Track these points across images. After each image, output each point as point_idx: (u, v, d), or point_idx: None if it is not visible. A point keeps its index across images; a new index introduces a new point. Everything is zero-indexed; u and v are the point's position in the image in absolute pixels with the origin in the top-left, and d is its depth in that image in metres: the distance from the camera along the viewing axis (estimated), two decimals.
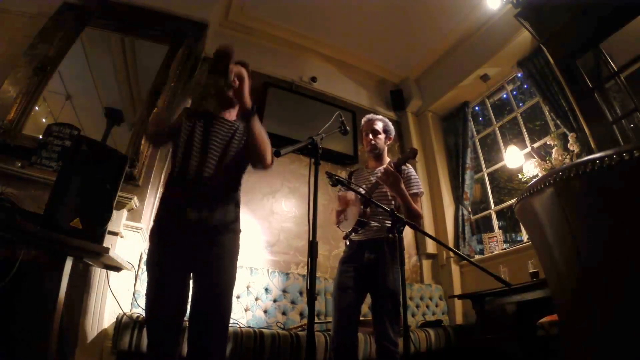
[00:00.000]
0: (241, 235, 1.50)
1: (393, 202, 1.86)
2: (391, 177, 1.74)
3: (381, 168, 1.94)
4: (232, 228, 1.45)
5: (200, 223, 1.36)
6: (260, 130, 1.43)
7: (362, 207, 1.79)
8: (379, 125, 2.01)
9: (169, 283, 1.33)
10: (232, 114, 1.63)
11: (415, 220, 1.74)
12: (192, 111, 1.57)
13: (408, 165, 1.92)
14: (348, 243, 1.93)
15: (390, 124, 2.08)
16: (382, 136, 2.00)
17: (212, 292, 1.34)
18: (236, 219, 1.49)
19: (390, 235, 1.78)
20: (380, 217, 1.83)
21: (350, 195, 1.87)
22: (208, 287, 1.34)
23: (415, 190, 1.86)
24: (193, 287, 1.37)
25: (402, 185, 1.77)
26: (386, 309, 1.68)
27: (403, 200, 1.76)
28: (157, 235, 1.39)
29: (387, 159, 2.03)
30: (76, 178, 1.37)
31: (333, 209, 2.00)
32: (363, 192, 1.79)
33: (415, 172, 1.96)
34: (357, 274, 1.79)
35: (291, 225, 3.25)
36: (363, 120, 2.09)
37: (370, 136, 1.99)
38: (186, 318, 1.34)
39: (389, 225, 1.77)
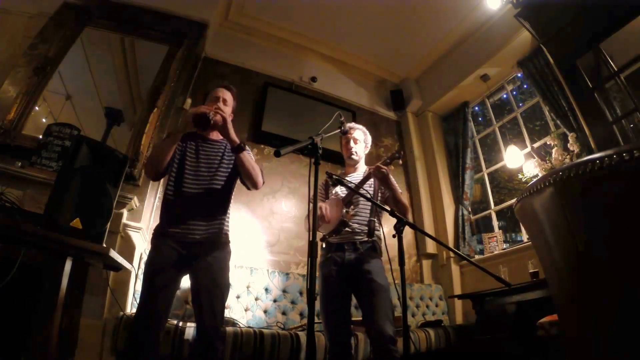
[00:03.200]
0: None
1: (369, 209, 1.92)
2: (381, 172, 1.84)
3: (356, 173, 2.06)
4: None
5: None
6: (249, 162, 1.60)
7: (344, 208, 1.83)
8: (358, 135, 2.10)
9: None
10: (218, 135, 1.73)
11: (405, 212, 1.87)
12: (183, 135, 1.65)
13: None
14: (324, 245, 1.92)
15: (368, 134, 2.17)
16: (361, 145, 2.11)
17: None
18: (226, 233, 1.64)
19: (368, 238, 1.84)
20: (360, 219, 1.87)
21: (331, 208, 1.90)
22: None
23: None
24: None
25: (392, 179, 1.88)
26: (380, 304, 1.65)
27: (393, 192, 1.89)
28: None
29: (364, 166, 2.11)
30: (76, 178, 1.37)
31: (305, 217, 2.01)
32: (364, 193, 1.78)
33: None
34: (340, 276, 1.78)
35: (291, 225, 3.25)
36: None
37: (351, 144, 2.08)
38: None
39: (367, 229, 1.85)
